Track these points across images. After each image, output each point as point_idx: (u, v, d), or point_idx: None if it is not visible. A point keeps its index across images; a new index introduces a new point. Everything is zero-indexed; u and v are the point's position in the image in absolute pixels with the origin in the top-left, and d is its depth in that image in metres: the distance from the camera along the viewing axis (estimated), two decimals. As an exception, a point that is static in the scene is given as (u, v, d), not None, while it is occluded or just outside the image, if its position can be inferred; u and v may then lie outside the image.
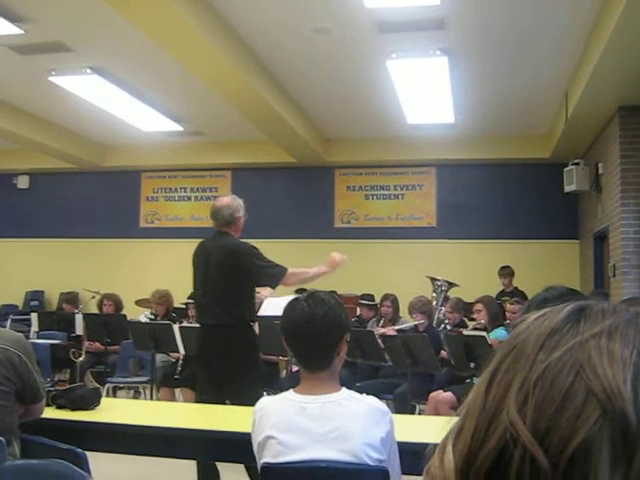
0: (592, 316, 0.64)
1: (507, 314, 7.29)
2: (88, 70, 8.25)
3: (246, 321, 4.92)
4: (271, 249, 8.20)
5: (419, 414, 6.36)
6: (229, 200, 5.07)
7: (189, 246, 5.50)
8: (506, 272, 10.17)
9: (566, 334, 0.62)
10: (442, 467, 0.63)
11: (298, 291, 8.83)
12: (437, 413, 5.86)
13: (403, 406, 6.26)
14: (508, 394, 0.60)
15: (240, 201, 5.08)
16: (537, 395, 0.59)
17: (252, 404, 2.50)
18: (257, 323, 7.10)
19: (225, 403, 4.70)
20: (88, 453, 2.85)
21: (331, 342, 2.43)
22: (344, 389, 2.44)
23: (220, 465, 4.66)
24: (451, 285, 9.23)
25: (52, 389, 3.72)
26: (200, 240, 5.20)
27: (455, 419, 0.66)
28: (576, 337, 0.61)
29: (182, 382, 7.22)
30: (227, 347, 4.80)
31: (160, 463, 4.50)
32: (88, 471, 2.67)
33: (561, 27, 6.85)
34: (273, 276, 4.88)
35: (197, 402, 5.02)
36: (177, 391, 7.37)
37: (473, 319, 7.45)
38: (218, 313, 4.85)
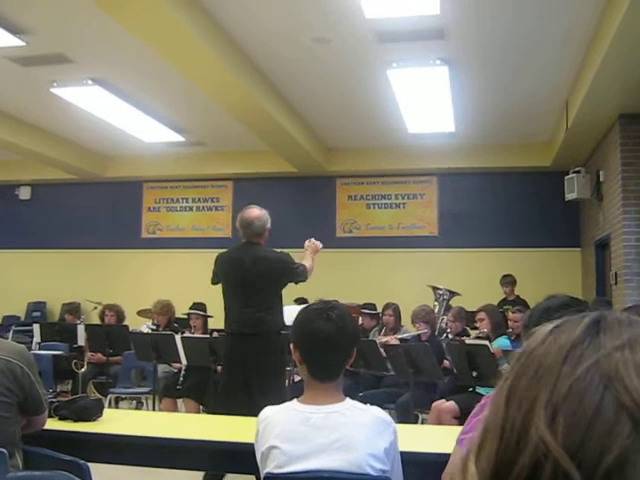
0: (610, 328, 0.64)
1: (509, 323, 7.29)
2: (89, 81, 8.27)
3: (278, 329, 5.04)
4: (273, 259, 8.18)
5: (422, 423, 6.35)
6: (259, 212, 5.26)
7: (191, 256, 5.58)
8: (508, 281, 10.16)
9: (588, 347, 0.62)
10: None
11: (298, 300, 8.85)
12: (440, 422, 5.84)
13: (406, 415, 6.25)
14: (534, 410, 0.60)
15: (266, 212, 5.32)
16: (566, 410, 0.59)
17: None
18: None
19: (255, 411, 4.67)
20: (91, 464, 2.85)
21: (350, 354, 2.46)
22: (348, 399, 2.43)
23: (232, 476, 4.68)
24: (453, 294, 9.22)
25: (54, 400, 3.71)
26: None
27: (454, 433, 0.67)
28: (599, 350, 0.61)
29: (184, 392, 7.21)
30: (261, 354, 4.88)
31: (163, 474, 4.50)
32: (91, 482, 2.67)
33: (561, 36, 6.87)
34: (302, 273, 5.19)
35: (229, 413, 4.98)
36: (179, 401, 7.36)
37: (475, 328, 7.44)
38: (254, 321, 4.94)
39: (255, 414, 4.49)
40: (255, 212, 5.24)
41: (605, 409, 0.57)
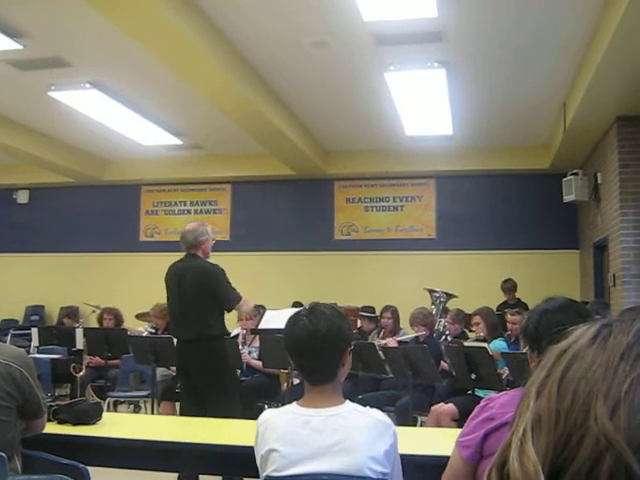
0: None
1: (508, 325, 7.30)
2: (87, 85, 8.27)
3: (218, 334, 5.38)
4: (271, 262, 8.24)
5: (421, 426, 6.35)
6: (194, 226, 5.59)
7: (189, 260, 5.66)
8: (509, 286, 10.14)
9: None
10: (524, 468, 0.63)
11: (295, 303, 8.86)
12: (439, 425, 5.84)
13: (405, 418, 6.24)
14: (592, 402, 0.61)
15: (207, 227, 5.60)
16: (629, 406, 0.60)
17: (231, 412, 2.52)
18: (258, 336, 7.21)
19: (206, 414, 4.89)
20: (90, 468, 2.85)
21: (335, 356, 2.40)
22: (348, 402, 2.42)
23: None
24: (449, 296, 9.22)
25: (53, 404, 3.71)
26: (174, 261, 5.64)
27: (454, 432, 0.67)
28: None
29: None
30: (202, 360, 5.24)
31: (162, 477, 4.49)
32: (90, 486, 2.66)
33: (559, 39, 6.88)
34: (232, 301, 5.40)
35: (181, 414, 5.52)
36: (178, 405, 7.34)
37: (473, 331, 7.45)
38: (193, 328, 5.28)
39: (206, 415, 4.78)
40: (190, 226, 5.59)
41: None
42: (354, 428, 2.32)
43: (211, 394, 5.20)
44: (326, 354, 2.39)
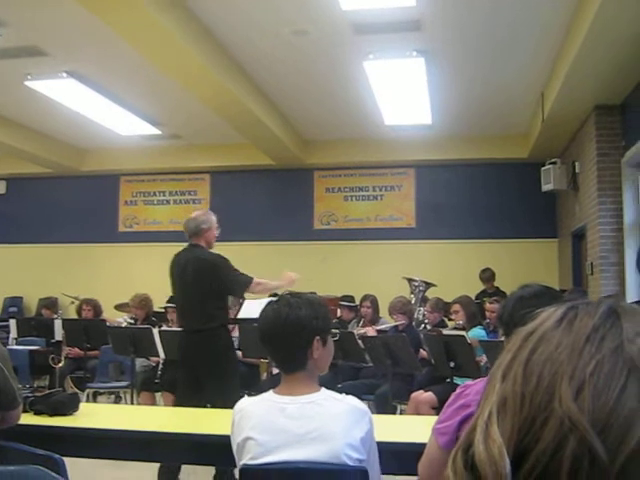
0: (628, 314, 0.66)
1: (487, 314, 7.34)
2: (64, 74, 8.20)
3: (221, 324, 5.30)
4: (251, 251, 8.22)
5: (400, 414, 6.37)
6: (197, 213, 5.52)
7: (168, 250, 5.64)
8: (487, 275, 10.19)
9: (610, 329, 0.64)
10: (489, 451, 0.63)
11: (272, 295, 8.85)
12: (418, 413, 5.87)
13: (384, 407, 6.27)
14: (557, 384, 0.61)
15: (210, 216, 5.47)
16: (593, 388, 0.60)
17: (232, 404, 2.52)
18: (237, 326, 7.18)
19: (205, 406, 4.82)
20: (67, 459, 2.83)
21: (300, 344, 2.40)
22: (324, 389, 2.43)
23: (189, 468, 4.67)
24: (428, 285, 9.25)
25: (30, 395, 3.69)
26: (177, 248, 5.52)
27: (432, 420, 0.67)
28: (621, 334, 0.63)
29: (162, 386, 7.19)
30: (205, 350, 5.17)
31: (140, 467, 4.48)
32: (66, 477, 2.65)
33: (537, 28, 6.89)
34: (240, 285, 5.32)
35: (177, 405, 5.36)
36: (158, 395, 7.34)
37: (452, 319, 7.48)
38: (195, 319, 5.23)
39: (207, 405, 4.73)
40: (194, 214, 5.52)
41: (630, 392, 0.59)
42: (330, 415, 2.32)
43: (211, 385, 5.13)
44: (289, 343, 2.40)
